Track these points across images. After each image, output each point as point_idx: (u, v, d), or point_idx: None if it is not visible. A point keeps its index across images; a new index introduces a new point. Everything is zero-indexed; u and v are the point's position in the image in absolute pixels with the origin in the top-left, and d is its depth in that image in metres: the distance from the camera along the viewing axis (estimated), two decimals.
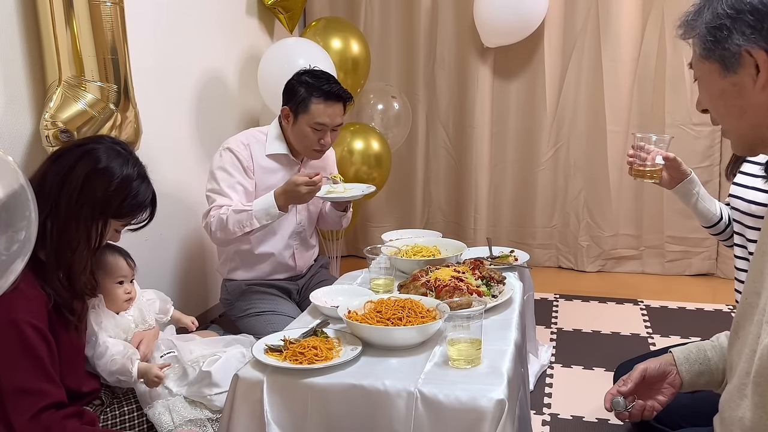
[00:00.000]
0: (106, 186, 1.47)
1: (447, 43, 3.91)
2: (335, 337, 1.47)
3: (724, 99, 1.02)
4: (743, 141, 1.06)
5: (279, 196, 2.18)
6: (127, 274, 1.79)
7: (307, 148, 2.35)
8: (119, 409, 1.63)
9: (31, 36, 1.99)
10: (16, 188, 1.04)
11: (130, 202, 1.52)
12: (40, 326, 1.35)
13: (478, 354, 1.37)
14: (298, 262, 2.52)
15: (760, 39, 0.95)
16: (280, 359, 1.36)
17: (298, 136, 2.34)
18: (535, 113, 3.86)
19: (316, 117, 2.27)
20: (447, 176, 4.11)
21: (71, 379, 1.50)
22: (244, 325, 2.37)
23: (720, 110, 1.05)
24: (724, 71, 1.00)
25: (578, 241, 3.93)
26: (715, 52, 1.00)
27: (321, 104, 2.27)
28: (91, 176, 1.47)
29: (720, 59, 1.00)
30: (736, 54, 0.97)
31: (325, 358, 1.34)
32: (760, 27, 0.95)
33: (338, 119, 2.33)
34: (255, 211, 2.20)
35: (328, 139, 2.33)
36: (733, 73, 0.99)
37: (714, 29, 0.99)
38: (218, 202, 2.27)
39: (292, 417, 1.30)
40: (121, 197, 1.50)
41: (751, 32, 0.95)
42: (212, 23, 3.07)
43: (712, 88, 1.03)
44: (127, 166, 1.52)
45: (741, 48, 0.96)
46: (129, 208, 1.53)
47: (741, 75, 0.98)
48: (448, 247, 2.09)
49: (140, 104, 2.25)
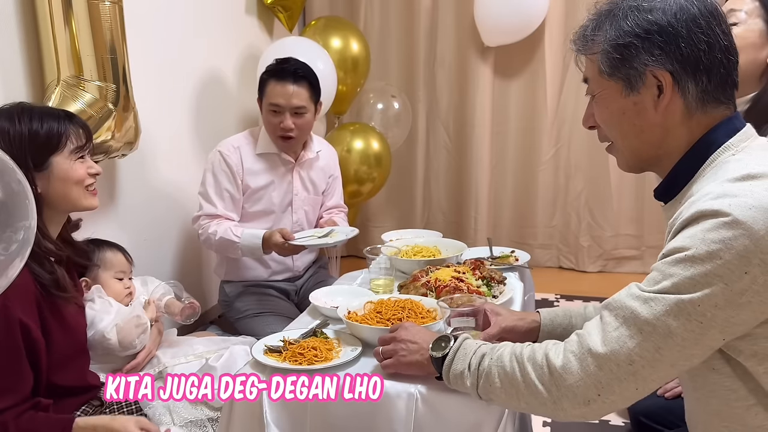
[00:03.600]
0: (7, 147, 1.40)
1: (447, 43, 3.91)
2: (335, 337, 1.46)
3: (624, 118, 1.03)
4: (636, 159, 1.07)
5: (265, 242, 2.21)
6: (126, 270, 1.80)
7: (272, 135, 2.33)
8: (119, 409, 1.62)
9: (30, 35, 1.98)
10: (15, 188, 1.04)
11: (39, 142, 1.43)
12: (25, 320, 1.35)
13: None
14: (296, 263, 2.51)
15: (666, 61, 0.96)
16: (279, 360, 1.35)
17: (264, 125, 2.34)
18: (536, 113, 3.86)
19: (270, 98, 2.27)
20: (447, 176, 4.10)
21: (71, 374, 1.50)
22: (243, 326, 2.37)
23: (618, 128, 1.05)
24: (627, 90, 1.01)
25: (579, 242, 3.92)
26: (620, 70, 1.00)
27: (272, 84, 2.26)
28: None
29: (625, 77, 1.00)
30: (642, 74, 0.98)
31: (324, 359, 1.33)
32: (668, 49, 0.96)
33: (293, 100, 2.25)
34: (241, 246, 2.25)
35: (289, 123, 2.26)
36: (636, 93, 1.00)
37: (621, 47, 0.99)
38: (205, 210, 2.32)
39: (291, 418, 1.30)
40: (26, 147, 1.42)
41: (660, 53, 0.96)
42: (211, 22, 3.06)
43: (613, 106, 1.04)
44: (11, 121, 1.43)
45: (647, 68, 0.97)
46: (44, 144, 1.44)
47: (643, 95, 1.00)
48: (449, 247, 2.08)
49: (139, 104, 2.24)
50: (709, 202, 0.88)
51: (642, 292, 0.91)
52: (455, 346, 1.12)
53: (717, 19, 0.97)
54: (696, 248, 0.86)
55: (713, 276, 0.85)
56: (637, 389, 0.92)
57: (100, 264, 1.76)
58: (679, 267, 0.88)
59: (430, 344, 1.17)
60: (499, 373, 1.03)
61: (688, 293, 0.86)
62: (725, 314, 0.86)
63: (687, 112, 0.99)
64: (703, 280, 0.85)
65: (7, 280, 1.06)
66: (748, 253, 0.83)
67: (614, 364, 0.91)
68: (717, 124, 0.99)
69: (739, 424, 0.95)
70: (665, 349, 0.89)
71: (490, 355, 1.06)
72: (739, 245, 0.83)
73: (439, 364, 1.14)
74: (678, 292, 0.87)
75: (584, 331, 0.97)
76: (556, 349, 0.99)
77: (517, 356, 1.02)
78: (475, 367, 1.07)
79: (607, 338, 0.93)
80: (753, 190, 0.86)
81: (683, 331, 0.87)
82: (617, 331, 0.92)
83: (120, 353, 1.70)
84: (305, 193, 2.48)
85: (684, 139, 1.00)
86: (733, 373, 0.94)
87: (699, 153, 0.99)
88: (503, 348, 1.06)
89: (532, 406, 1.01)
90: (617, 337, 0.92)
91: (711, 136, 0.99)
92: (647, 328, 0.89)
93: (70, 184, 1.48)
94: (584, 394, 0.94)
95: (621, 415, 2.21)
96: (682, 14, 0.96)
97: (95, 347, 1.66)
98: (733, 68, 0.99)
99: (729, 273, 0.84)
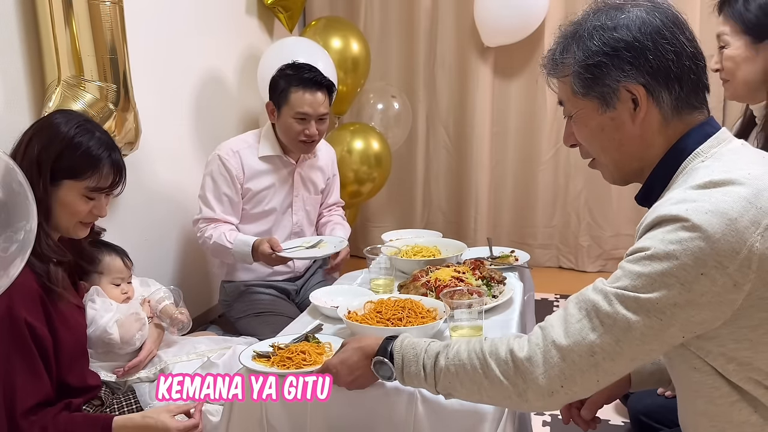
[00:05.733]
0: (45, 143, 1.43)
1: (447, 43, 3.91)
2: (327, 342, 1.43)
3: (604, 133, 1.05)
4: (620, 172, 1.09)
5: (254, 250, 2.23)
6: (124, 276, 1.79)
7: (292, 140, 2.32)
8: (119, 409, 1.62)
9: (31, 35, 1.99)
10: (15, 188, 1.04)
11: (69, 157, 1.43)
12: (30, 320, 1.35)
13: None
14: (297, 263, 2.52)
15: (638, 75, 0.98)
16: (267, 365, 1.33)
17: (282, 130, 2.33)
18: (536, 113, 3.86)
19: (297, 107, 2.26)
20: (447, 176, 4.10)
21: (75, 374, 1.50)
22: (243, 325, 2.37)
23: (599, 144, 1.07)
24: (603, 107, 1.03)
25: (579, 241, 3.92)
26: (594, 89, 1.02)
27: (300, 93, 2.26)
28: (33, 136, 1.45)
29: (600, 95, 1.02)
30: (615, 90, 1.00)
31: (314, 362, 1.32)
32: (637, 63, 0.98)
33: (320, 108, 2.28)
34: (233, 251, 2.27)
35: (314, 129, 2.29)
36: (612, 109, 1.02)
37: (591, 66, 1.01)
38: (204, 214, 2.33)
39: (291, 418, 1.30)
40: (56, 153, 1.43)
41: (630, 68, 0.98)
42: (212, 23, 3.06)
43: (591, 123, 1.06)
44: (68, 125, 1.46)
45: (620, 84, 0.99)
46: (69, 163, 1.43)
47: (619, 110, 1.02)
48: (449, 247, 2.08)
49: (139, 104, 2.24)
50: (668, 207, 0.91)
51: (605, 287, 0.94)
52: (397, 349, 1.14)
53: (680, 27, 0.99)
54: (655, 248, 0.89)
55: (670, 276, 0.88)
56: (598, 381, 0.95)
57: (99, 268, 1.76)
58: (639, 265, 0.91)
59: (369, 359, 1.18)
60: (459, 371, 1.05)
61: (647, 292, 0.89)
62: (685, 313, 0.89)
63: (663, 121, 1.01)
64: (660, 280, 0.88)
65: (8, 279, 1.06)
66: (703, 255, 0.86)
67: (576, 355, 0.94)
68: (689, 131, 1.01)
69: (726, 422, 0.97)
70: (625, 343, 0.92)
71: (445, 354, 1.08)
72: (694, 247, 0.86)
73: (386, 371, 1.16)
74: (636, 290, 0.90)
75: (547, 324, 1.00)
76: (519, 343, 1.01)
77: (476, 352, 1.04)
78: (431, 367, 1.08)
79: (570, 330, 0.95)
80: (712, 195, 0.89)
81: (642, 326, 0.90)
82: (579, 323, 0.95)
83: (120, 350, 1.70)
84: (306, 194, 2.49)
85: (661, 147, 1.03)
86: (714, 372, 0.95)
87: (672, 160, 1.01)
88: (457, 345, 1.08)
89: (494, 399, 1.04)
90: (579, 329, 0.95)
91: (683, 144, 1.01)
92: (608, 321, 0.92)
93: (66, 212, 1.46)
94: (548, 386, 0.96)
95: (621, 414, 2.21)
96: (646, 28, 0.98)
97: (96, 344, 1.66)
98: (702, 72, 1.01)
99: (685, 274, 0.87)
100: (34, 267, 1.38)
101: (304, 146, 2.34)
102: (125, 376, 1.70)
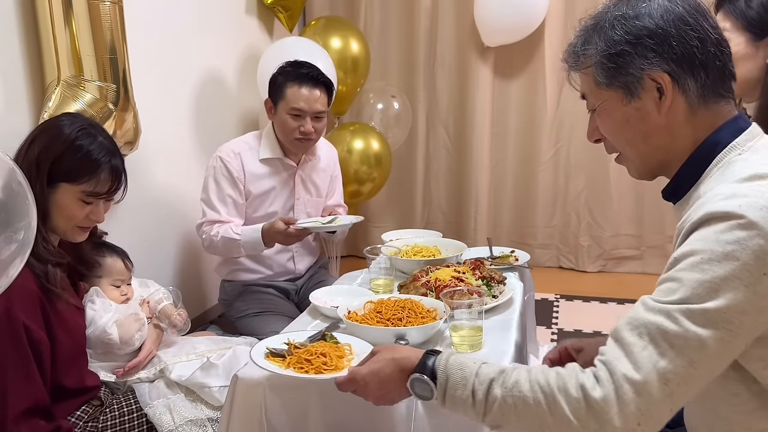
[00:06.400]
0: (46, 144, 1.43)
1: (447, 43, 3.91)
2: (346, 343, 1.35)
3: (629, 125, 1.03)
4: (646, 166, 1.07)
5: (265, 234, 2.22)
6: (124, 277, 1.79)
7: (288, 138, 2.31)
8: (119, 409, 1.62)
9: (30, 35, 1.98)
10: (14, 188, 1.04)
11: (68, 160, 1.43)
12: (28, 322, 1.35)
13: (479, 339, 1.40)
14: (298, 266, 2.51)
15: (662, 62, 0.96)
16: (282, 366, 1.26)
17: (279, 127, 2.32)
18: (536, 112, 3.86)
19: (292, 102, 2.25)
20: (447, 176, 4.10)
21: (72, 375, 1.50)
22: (243, 325, 2.37)
23: (624, 137, 1.05)
24: (627, 97, 1.01)
25: (579, 241, 3.92)
26: (618, 78, 1.00)
27: (296, 88, 2.25)
28: (37, 136, 1.46)
29: (623, 85, 1.00)
30: (639, 78, 0.98)
31: (335, 368, 1.22)
32: (661, 50, 0.96)
33: (316, 105, 2.26)
34: (243, 242, 2.26)
35: (309, 127, 2.27)
36: (637, 98, 1.00)
37: (614, 56, 0.99)
38: (208, 217, 2.31)
39: (292, 419, 1.29)
40: (56, 154, 1.43)
41: (654, 56, 0.97)
42: (212, 22, 3.06)
43: (616, 115, 1.03)
44: (71, 127, 1.46)
45: (644, 72, 0.98)
46: (67, 166, 1.43)
47: (644, 99, 0.99)
48: (449, 247, 2.08)
49: (139, 104, 2.24)
50: (719, 203, 0.86)
51: (661, 304, 0.85)
52: (441, 368, 0.98)
53: (703, 14, 0.98)
54: (711, 251, 0.83)
55: (733, 279, 0.82)
56: (671, 410, 0.85)
57: (99, 271, 1.75)
58: (696, 271, 0.84)
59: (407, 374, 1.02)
60: (517, 404, 0.91)
61: (711, 300, 0.82)
62: (751, 319, 0.83)
63: (690, 110, 0.99)
64: (723, 285, 0.82)
65: (7, 279, 1.06)
66: (764, 254, 0.81)
67: (651, 387, 0.83)
68: (722, 125, 0.99)
69: (743, 429, 0.94)
70: (699, 362, 0.83)
71: (501, 382, 0.93)
72: (755, 245, 0.81)
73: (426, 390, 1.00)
74: (701, 300, 0.83)
75: (607, 358, 0.87)
76: (589, 378, 0.88)
77: (541, 385, 0.90)
78: (483, 394, 0.93)
79: (638, 360, 0.84)
80: (761, 190, 0.85)
81: (713, 341, 0.82)
82: (646, 351, 0.84)
83: (120, 350, 1.70)
84: (308, 196, 2.48)
85: (689, 139, 1.00)
86: (737, 377, 0.92)
87: (705, 153, 0.99)
88: (517, 374, 0.93)
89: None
90: (648, 357, 0.84)
91: (716, 137, 0.98)
92: (678, 342, 0.83)
93: (62, 215, 1.46)
94: (624, 426, 0.84)
95: None
96: (669, 15, 0.96)
97: (96, 345, 1.66)
98: (728, 59, 0.99)
99: (748, 275, 0.81)
100: (33, 268, 1.38)
101: (300, 144, 2.32)
102: (125, 377, 1.70)
